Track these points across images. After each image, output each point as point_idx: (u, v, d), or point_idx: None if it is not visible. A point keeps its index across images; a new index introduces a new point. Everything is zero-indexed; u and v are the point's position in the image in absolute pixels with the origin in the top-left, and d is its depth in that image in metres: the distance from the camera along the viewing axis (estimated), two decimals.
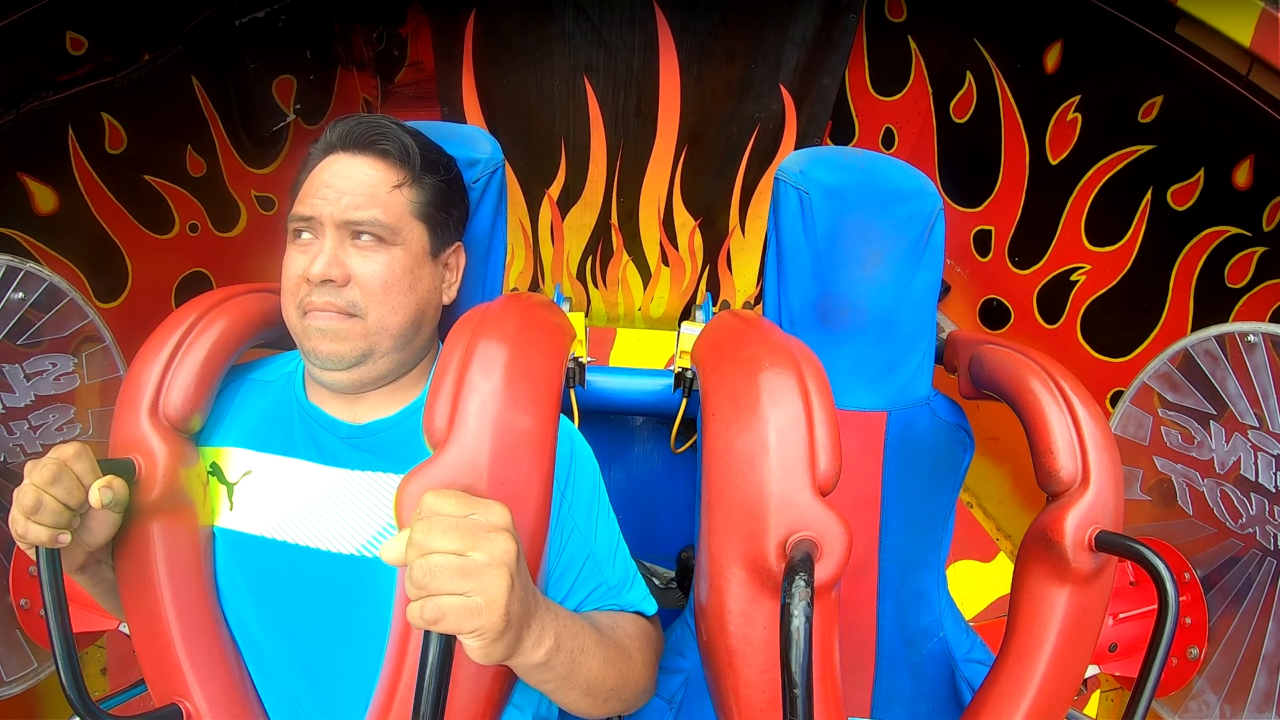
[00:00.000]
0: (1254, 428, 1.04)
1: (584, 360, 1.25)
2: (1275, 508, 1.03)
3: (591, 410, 1.29)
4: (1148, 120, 1.39)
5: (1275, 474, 1.02)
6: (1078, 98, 1.52)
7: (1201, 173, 1.32)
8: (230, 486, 0.82)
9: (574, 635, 0.67)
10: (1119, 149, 1.46)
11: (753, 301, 2.35)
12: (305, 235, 0.80)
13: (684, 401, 1.22)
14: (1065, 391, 0.88)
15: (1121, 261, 1.49)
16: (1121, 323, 1.52)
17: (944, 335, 1.19)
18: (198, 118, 1.58)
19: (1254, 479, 1.05)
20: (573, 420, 1.22)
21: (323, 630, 0.76)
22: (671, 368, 1.25)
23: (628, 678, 0.77)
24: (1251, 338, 1.04)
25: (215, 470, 0.83)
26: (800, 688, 0.55)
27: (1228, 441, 1.07)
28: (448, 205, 0.87)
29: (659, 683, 0.88)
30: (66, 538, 0.66)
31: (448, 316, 0.89)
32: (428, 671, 0.53)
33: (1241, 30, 1.12)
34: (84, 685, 0.67)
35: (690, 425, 1.27)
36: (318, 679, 0.76)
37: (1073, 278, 1.57)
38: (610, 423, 1.43)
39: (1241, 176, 1.26)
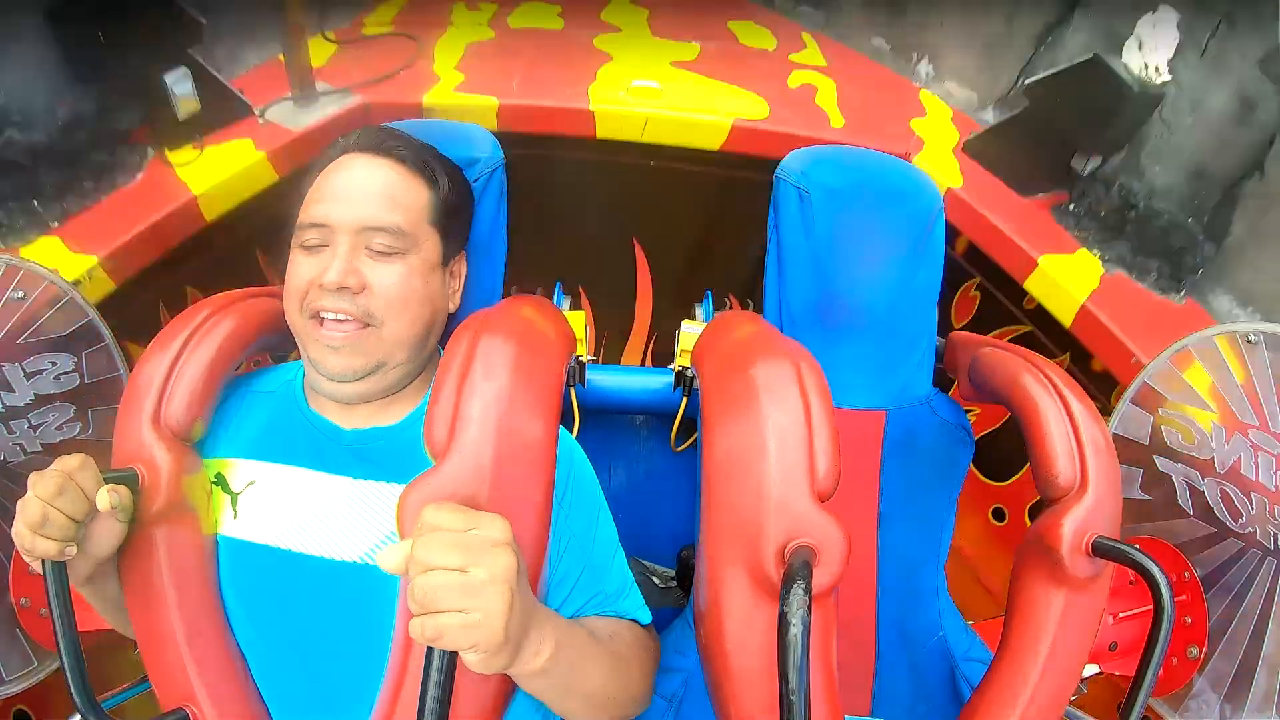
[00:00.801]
0: (1254, 427, 1.04)
1: (584, 359, 1.24)
2: (1275, 507, 1.03)
3: (591, 409, 1.29)
4: (1030, 309, 1.69)
5: (1275, 474, 1.02)
6: (978, 279, 1.82)
7: (1067, 355, 1.60)
8: (234, 496, 0.82)
9: (572, 643, 0.67)
10: (1006, 325, 1.76)
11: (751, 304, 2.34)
12: (316, 241, 0.78)
13: (684, 400, 1.22)
14: (1064, 396, 0.88)
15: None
16: (1006, 452, 1.79)
17: (943, 338, 1.19)
18: None
19: (1254, 478, 1.04)
20: (573, 419, 1.22)
21: (326, 637, 0.76)
22: (671, 367, 1.25)
23: (626, 686, 0.77)
24: (1252, 337, 1.04)
25: (220, 480, 0.83)
26: (798, 694, 0.55)
27: (1228, 441, 1.07)
28: (459, 212, 0.87)
29: (659, 682, 0.88)
30: (73, 550, 0.66)
31: (449, 323, 0.89)
32: (429, 685, 0.54)
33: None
34: (91, 691, 0.67)
35: (690, 424, 1.27)
36: (321, 686, 0.77)
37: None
38: (610, 422, 1.42)
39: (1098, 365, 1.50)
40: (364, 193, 0.78)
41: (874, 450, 1.11)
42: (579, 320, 1.16)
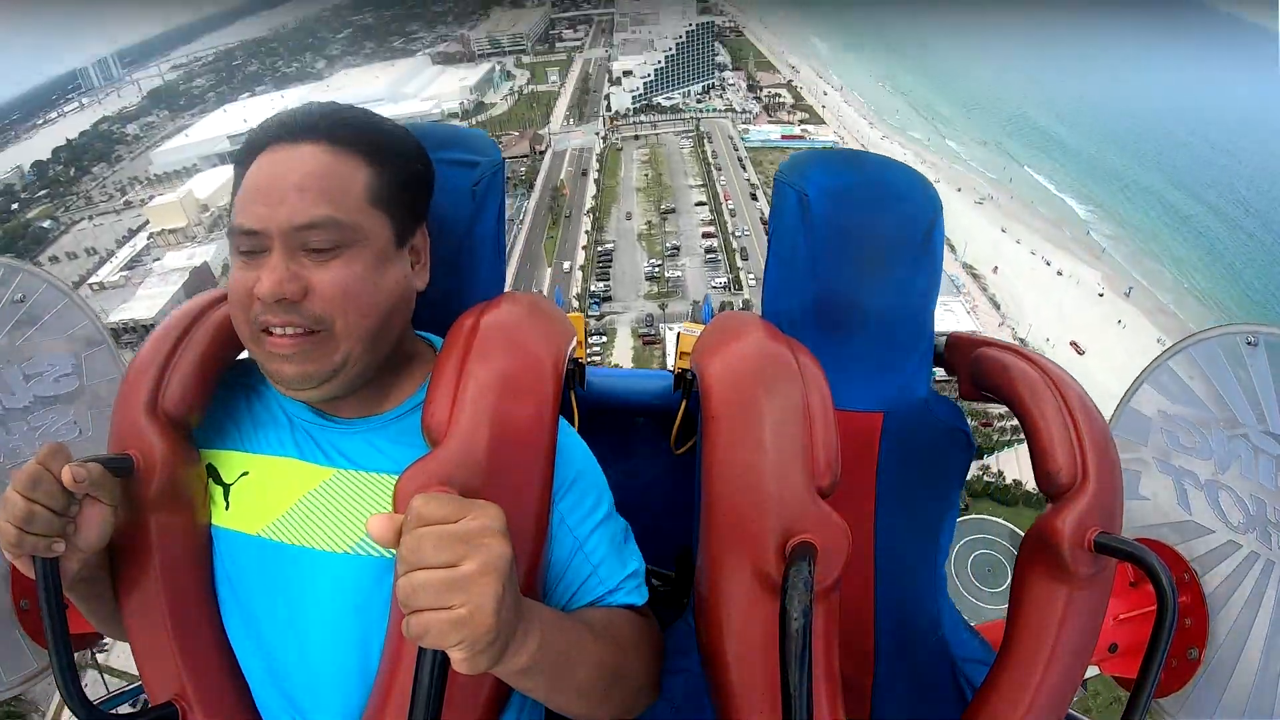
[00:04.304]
0: (1254, 428, 1.04)
1: (583, 361, 1.24)
2: (1275, 508, 1.03)
3: (591, 410, 1.29)
4: None
5: (1275, 474, 1.02)
6: None
7: None
8: (227, 488, 0.82)
9: (560, 636, 0.66)
10: None
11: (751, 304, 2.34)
12: (250, 247, 0.72)
13: (684, 402, 1.22)
14: (1064, 394, 0.88)
15: None
16: None
17: (943, 337, 1.18)
18: None
19: (1254, 479, 1.05)
20: (573, 421, 1.22)
21: (317, 629, 0.76)
22: (671, 369, 1.25)
23: (624, 677, 0.76)
24: (1251, 339, 1.04)
25: (212, 472, 0.83)
26: (800, 689, 0.55)
27: (1228, 442, 1.07)
28: (410, 186, 0.79)
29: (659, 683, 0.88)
30: (61, 546, 0.66)
31: (442, 300, 0.88)
32: (420, 684, 0.54)
33: None
34: (81, 688, 0.67)
35: (691, 425, 1.27)
36: (314, 678, 0.76)
37: None
38: (610, 423, 1.43)
39: None
40: (291, 187, 0.70)
41: (871, 452, 1.11)
42: (578, 322, 1.16)
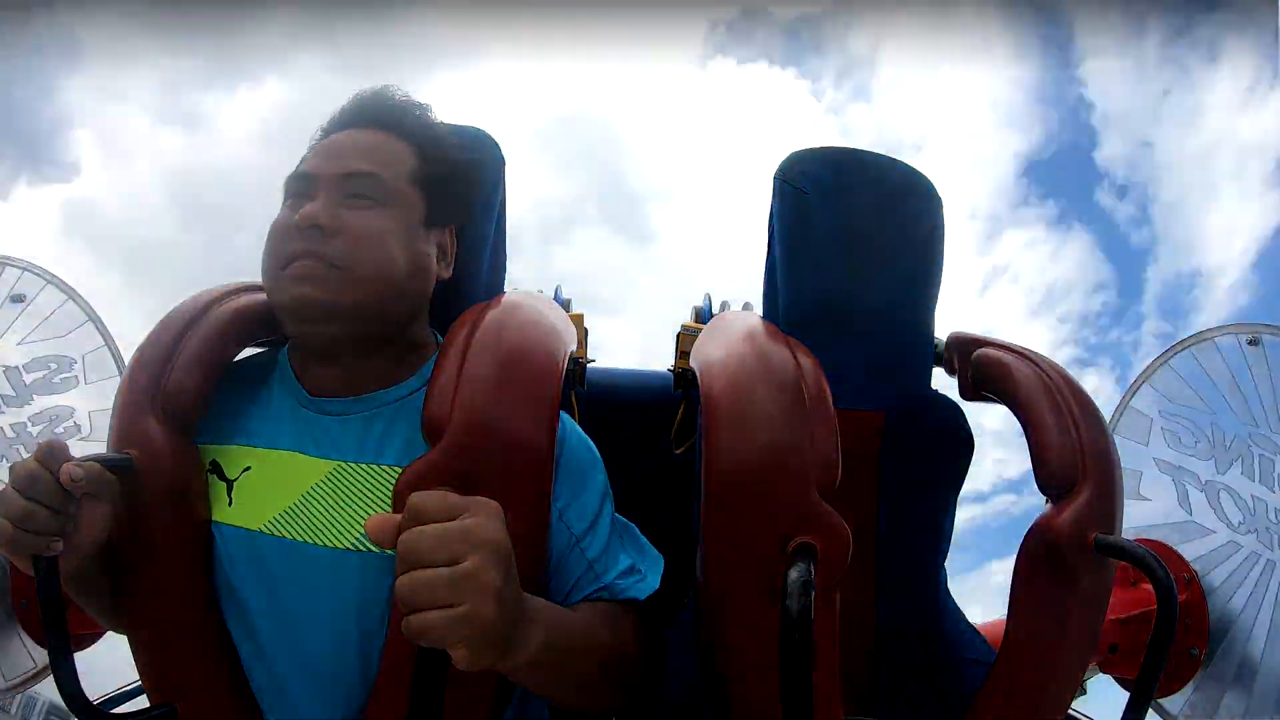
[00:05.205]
0: (1254, 428, 1.04)
1: (584, 360, 1.24)
2: (1275, 508, 1.03)
3: (591, 410, 1.29)
4: None
5: (1275, 474, 1.02)
6: None
7: None
8: (230, 483, 0.81)
9: (562, 631, 0.66)
10: None
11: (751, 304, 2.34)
12: (299, 189, 0.81)
13: (684, 401, 1.22)
14: (1064, 394, 0.88)
15: None
16: None
17: (943, 337, 1.18)
18: None
19: (1254, 479, 1.05)
20: (573, 419, 1.22)
21: (319, 627, 0.76)
22: (670, 368, 1.25)
23: (623, 670, 0.76)
24: (1252, 338, 1.04)
25: (215, 467, 0.82)
26: (800, 689, 0.55)
27: (1228, 442, 1.07)
28: (450, 181, 0.88)
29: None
30: (59, 545, 0.65)
31: (442, 298, 0.88)
32: (420, 680, 0.53)
33: None
34: (81, 688, 0.67)
35: (690, 425, 1.27)
36: (314, 677, 0.76)
37: None
38: (610, 422, 1.42)
39: None
40: (348, 150, 0.82)
41: (871, 452, 1.11)
42: (578, 322, 1.16)
